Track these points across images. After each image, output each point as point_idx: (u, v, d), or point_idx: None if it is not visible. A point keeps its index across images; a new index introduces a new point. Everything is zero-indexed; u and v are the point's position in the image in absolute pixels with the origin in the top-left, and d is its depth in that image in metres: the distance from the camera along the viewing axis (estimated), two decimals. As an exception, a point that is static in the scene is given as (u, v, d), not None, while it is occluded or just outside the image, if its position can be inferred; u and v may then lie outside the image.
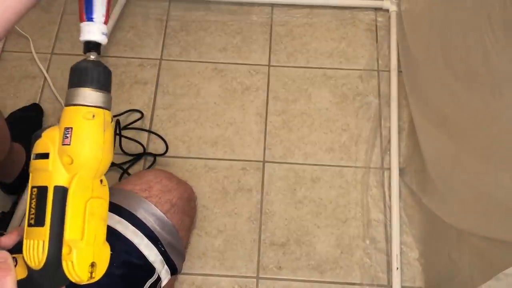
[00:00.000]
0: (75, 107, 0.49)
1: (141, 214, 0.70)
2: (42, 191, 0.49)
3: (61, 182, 0.49)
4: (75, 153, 0.49)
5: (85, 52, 0.52)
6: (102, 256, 0.50)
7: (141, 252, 0.69)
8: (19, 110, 1.28)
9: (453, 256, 0.98)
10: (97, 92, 0.50)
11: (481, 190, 0.85)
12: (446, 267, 1.02)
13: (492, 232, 0.82)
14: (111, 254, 0.67)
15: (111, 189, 0.75)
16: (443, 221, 1.00)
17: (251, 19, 1.45)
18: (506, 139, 0.75)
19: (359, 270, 1.15)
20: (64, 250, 0.48)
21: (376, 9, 1.46)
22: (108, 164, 0.51)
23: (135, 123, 1.30)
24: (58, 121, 0.51)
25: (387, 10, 1.44)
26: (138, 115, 1.32)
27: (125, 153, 1.26)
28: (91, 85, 0.50)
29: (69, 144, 0.48)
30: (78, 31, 0.53)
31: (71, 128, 0.49)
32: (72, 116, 0.49)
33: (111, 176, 1.24)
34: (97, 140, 0.49)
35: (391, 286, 1.12)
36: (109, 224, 0.68)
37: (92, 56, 0.52)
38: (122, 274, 0.67)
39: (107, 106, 0.51)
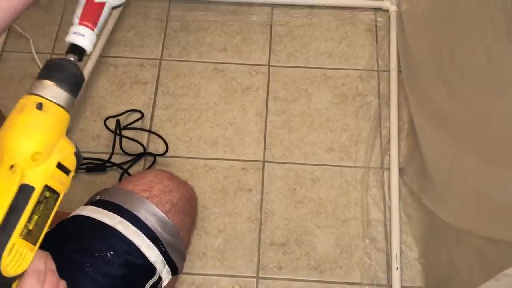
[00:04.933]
0: None
1: (142, 215, 0.70)
2: None
3: None
4: None
5: (67, 53, 0.53)
6: None
7: (142, 253, 0.69)
8: (19, 110, 1.28)
9: (452, 256, 0.99)
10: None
11: (481, 190, 0.85)
12: (445, 267, 1.02)
13: (492, 232, 0.82)
14: (111, 254, 0.67)
15: (111, 189, 0.76)
16: (443, 221, 1.00)
17: (251, 19, 1.45)
18: (508, 139, 0.75)
19: (359, 270, 1.16)
20: None
21: (376, 9, 1.46)
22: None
23: (135, 123, 1.30)
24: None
25: (387, 10, 1.44)
26: (138, 115, 1.32)
27: (125, 153, 1.26)
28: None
29: None
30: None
31: None
32: None
33: (111, 176, 1.24)
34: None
35: (391, 286, 1.12)
36: (110, 224, 0.69)
37: (72, 58, 0.52)
38: (123, 275, 0.67)
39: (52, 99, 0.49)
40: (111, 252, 0.67)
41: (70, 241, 0.69)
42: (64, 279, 0.55)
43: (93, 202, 0.73)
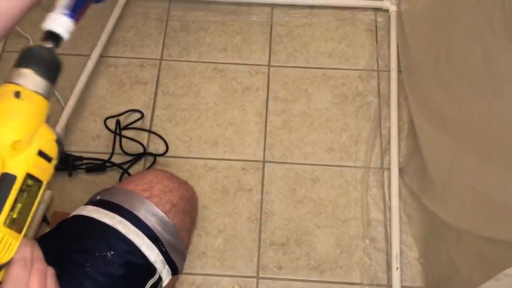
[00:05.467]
0: None
1: (143, 215, 0.70)
2: None
3: None
4: None
5: (43, 40, 0.52)
6: None
7: (142, 252, 0.69)
8: (19, 110, 1.28)
9: (452, 256, 0.99)
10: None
11: (480, 190, 0.85)
12: (445, 267, 1.02)
13: (491, 232, 0.82)
14: (112, 254, 0.67)
15: (111, 189, 0.76)
16: (442, 221, 1.00)
17: (251, 19, 1.45)
18: (506, 139, 0.75)
19: (359, 270, 1.16)
20: None
21: (376, 9, 1.46)
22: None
23: (135, 123, 1.30)
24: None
25: (387, 10, 1.44)
26: (138, 115, 1.32)
27: (125, 153, 1.26)
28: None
29: None
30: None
31: None
32: None
33: (111, 176, 1.24)
34: None
35: (391, 286, 1.12)
36: (111, 224, 0.69)
37: (48, 45, 0.51)
38: (123, 274, 0.67)
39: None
40: (111, 252, 0.67)
41: (71, 241, 0.69)
42: (64, 278, 0.55)
43: (93, 202, 0.73)
